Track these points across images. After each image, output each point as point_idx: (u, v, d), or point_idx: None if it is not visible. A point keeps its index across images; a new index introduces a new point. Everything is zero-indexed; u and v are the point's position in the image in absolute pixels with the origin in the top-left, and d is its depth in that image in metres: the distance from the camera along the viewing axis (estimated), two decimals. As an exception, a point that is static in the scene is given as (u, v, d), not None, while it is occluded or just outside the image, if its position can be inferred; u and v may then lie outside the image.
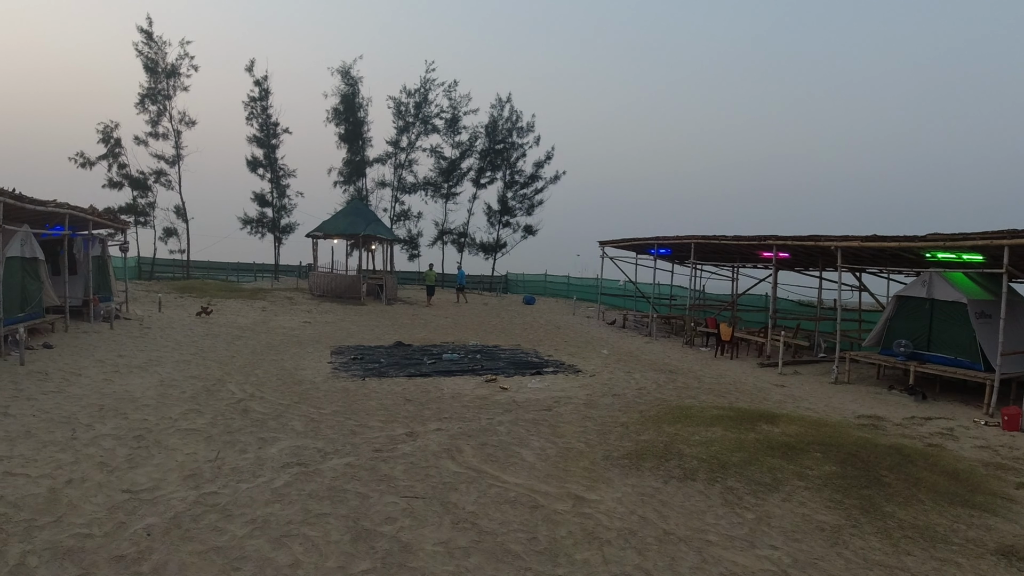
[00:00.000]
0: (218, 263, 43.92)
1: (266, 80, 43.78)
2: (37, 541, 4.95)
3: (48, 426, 8.22)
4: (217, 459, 7.04)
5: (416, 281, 45.39)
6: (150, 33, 40.50)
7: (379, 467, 6.99)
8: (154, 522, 5.31)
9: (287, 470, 6.78)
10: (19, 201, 13.94)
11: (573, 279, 40.93)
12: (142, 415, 8.89)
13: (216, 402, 9.83)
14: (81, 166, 39.68)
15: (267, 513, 5.60)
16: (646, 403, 10.77)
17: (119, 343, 15.39)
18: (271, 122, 44.15)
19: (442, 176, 47.05)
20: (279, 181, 44.74)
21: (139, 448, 7.39)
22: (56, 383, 10.73)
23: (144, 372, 12.00)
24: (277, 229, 44.69)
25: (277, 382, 11.61)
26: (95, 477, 6.40)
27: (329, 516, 5.57)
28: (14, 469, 6.62)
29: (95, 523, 5.29)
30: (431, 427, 8.82)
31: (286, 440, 7.90)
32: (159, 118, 41.24)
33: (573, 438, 8.53)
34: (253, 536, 5.14)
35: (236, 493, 6.04)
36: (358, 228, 32.28)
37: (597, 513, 5.97)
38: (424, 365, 14.11)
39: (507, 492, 6.41)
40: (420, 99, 46.19)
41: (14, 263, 14.33)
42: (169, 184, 41.74)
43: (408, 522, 5.56)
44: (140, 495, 5.93)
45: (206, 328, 18.95)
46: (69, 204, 16.88)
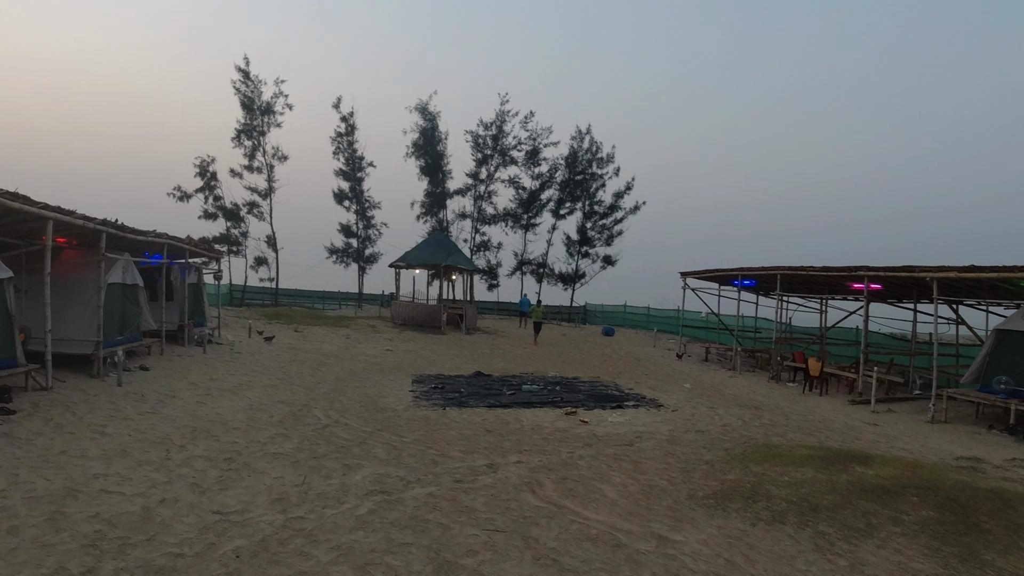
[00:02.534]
0: (305, 291, 45.34)
1: (352, 116, 45.34)
2: (130, 559, 5.12)
3: (143, 446, 8.58)
4: (303, 484, 7.19)
5: (495, 311, 45.68)
6: (247, 72, 42.55)
7: (460, 498, 6.98)
8: (243, 544, 5.44)
9: (370, 498, 6.85)
10: (121, 231, 14.75)
11: (653, 310, 40.39)
12: (232, 438, 9.18)
13: (302, 427, 10.07)
14: (179, 199, 41.83)
15: (351, 540, 5.66)
16: (731, 440, 10.45)
17: (211, 367, 15.99)
18: (356, 156, 45.61)
19: (522, 207, 47.40)
20: (364, 212, 46.01)
21: (229, 470, 7.62)
22: (151, 404, 11.20)
23: (234, 396, 12.42)
24: (361, 259, 45.88)
25: (360, 409, 11.81)
26: (187, 497, 6.62)
27: (411, 546, 5.59)
28: (110, 487, 6.91)
29: (186, 543, 5.45)
30: (511, 459, 8.78)
31: (369, 467, 8.00)
32: (254, 153, 43.16)
33: (656, 475, 8.33)
34: (337, 563, 5.19)
35: (321, 519, 6.13)
36: (439, 259, 32.79)
37: (682, 555, 5.79)
38: (503, 396, 14.11)
39: (588, 529, 6.30)
40: (496, 131, 46.82)
41: (115, 289, 15.14)
42: (261, 215, 43.50)
43: (489, 556, 5.52)
44: (230, 517, 6.09)
45: (292, 354, 19.49)
46: (167, 234, 17.74)
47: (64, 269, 14.01)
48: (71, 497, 6.53)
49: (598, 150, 47.40)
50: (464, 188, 47.63)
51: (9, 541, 5.39)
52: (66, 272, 14.08)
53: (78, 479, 7.11)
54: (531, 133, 47.01)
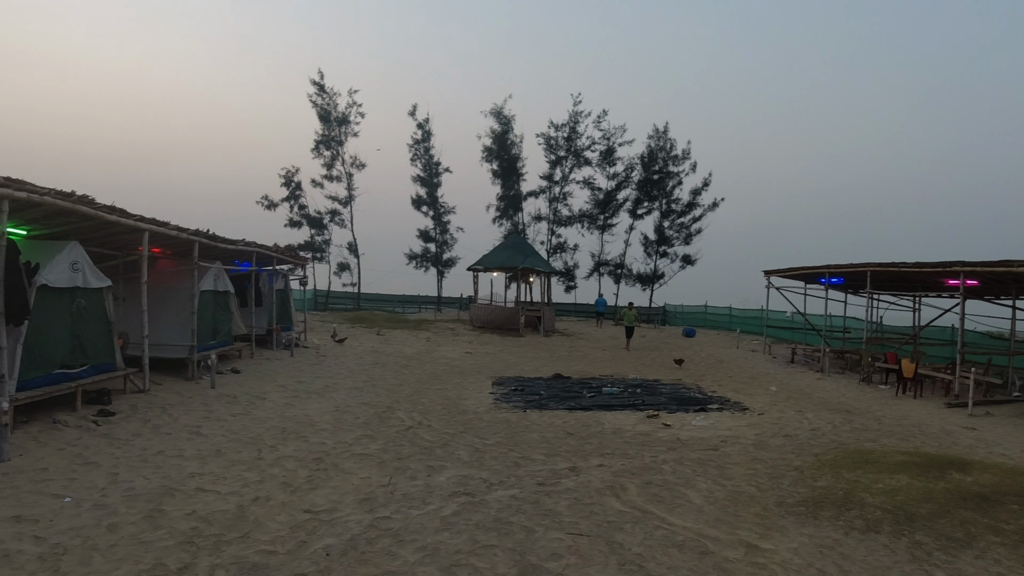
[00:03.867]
0: (386, 295, 46.35)
1: (427, 123, 46.08)
2: (225, 556, 5.29)
3: (236, 446, 8.88)
4: (389, 484, 7.30)
5: (572, 313, 45.55)
6: (322, 85, 43.86)
7: (543, 501, 6.95)
8: (332, 543, 5.55)
9: (455, 499, 6.90)
10: (213, 241, 15.39)
11: (736, 310, 39.45)
12: (320, 439, 9.42)
13: (387, 428, 10.25)
14: (266, 208, 43.49)
15: (437, 541, 5.70)
16: (821, 446, 10.09)
17: (298, 370, 16.46)
18: (433, 162, 46.29)
19: (598, 208, 47.11)
20: (441, 217, 46.65)
21: (318, 470, 7.81)
22: (243, 406, 11.60)
23: (321, 398, 12.74)
24: (440, 263, 46.55)
25: (442, 411, 11.94)
26: (279, 496, 6.81)
27: (496, 548, 5.59)
28: (206, 486, 7.17)
29: (278, 541, 5.60)
30: (593, 463, 8.69)
31: (453, 469, 8.06)
32: (333, 162, 44.47)
33: (743, 481, 8.11)
34: (424, 563, 5.23)
35: (407, 519, 6.21)
36: (516, 261, 32.90)
37: (771, 564, 5.60)
38: (584, 398, 14.01)
39: (674, 535, 6.16)
40: (569, 132, 46.66)
41: (207, 296, 15.78)
42: (342, 223, 44.78)
43: (574, 560, 5.46)
44: (320, 516, 6.23)
45: (375, 357, 19.89)
46: (256, 243, 18.38)
47: (159, 278, 14.66)
48: (168, 495, 6.80)
49: (673, 147, 46.69)
50: (539, 190, 47.80)
51: (109, 538, 5.64)
52: (161, 280, 14.72)
53: (175, 478, 7.41)
54: (605, 132, 46.82)
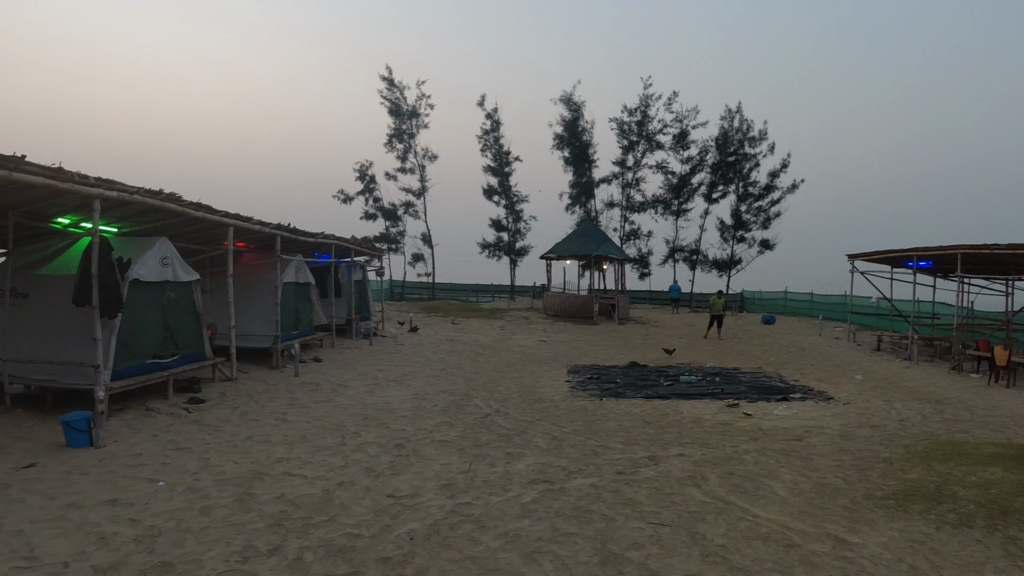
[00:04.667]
0: (459, 285, 46.81)
1: (496, 112, 46.15)
2: (313, 538, 5.44)
3: (321, 432, 9.13)
4: (469, 471, 7.38)
5: (647, 300, 45.03)
6: (391, 80, 44.48)
7: (623, 490, 6.90)
8: (415, 528, 5.65)
9: (534, 486, 6.91)
10: (294, 234, 15.84)
11: (817, 296, 38.19)
12: (400, 425, 9.60)
13: (465, 416, 10.36)
14: (342, 202, 44.50)
15: (517, 528, 5.73)
16: (910, 437, 9.68)
17: (377, 358, 16.80)
18: (503, 151, 46.35)
19: (671, 193, 46.29)
20: (513, 206, 46.73)
21: (400, 456, 7.97)
22: (326, 393, 11.91)
23: (400, 385, 12.98)
24: (512, 252, 46.67)
25: (519, 399, 11.99)
26: (362, 481, 6.97)
27: (577, 536, 5.57)
28: (292, 470, 7.39)
29: (363, 524, 5.73)
30: (673, 452, 8.58)
31: (531, 456, 8.09)
32: (405, 155, 45.10)
33: (829, 472, 7.85)
34: (506, 549, 5.27)
35: (488, 505, 6.26)
36: (589, 249, 32.70)
37: (860, 558, 5.40)
38: (661, 387, 13.84)
39: (758, 527, 6.02)
40: (641, 116, 45.92)
41: (289, 287, 16.26)
42: (416, 214, 45.41)
43: (655, 550, 5.40)
44: (402, 501, 6.35)
45: (451, 346, 20.13)
46: (334, 235, 18.82)
47: (244, 271, 15.15)
48: (257, 479, 7.04)
49: (749, 128, 45.29)
50: (611, 176, 47.27)
51: (202, 520, 5.87)
52: (246, 273, 15.22)
53: (263, 462, 7.66)
54: (677, 115, 45.84)
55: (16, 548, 5.23)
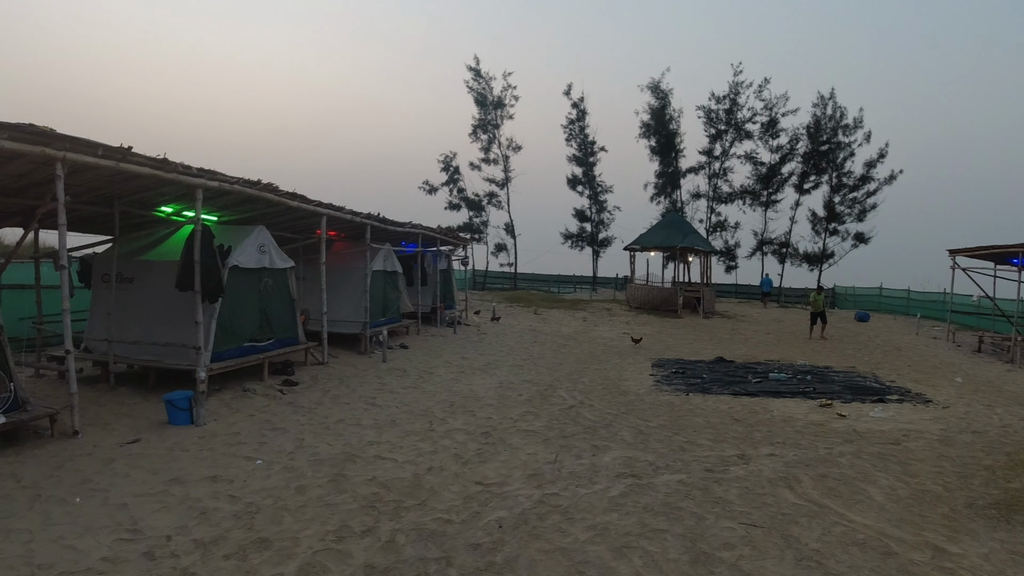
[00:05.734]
0: (541, 275, 46.81)
1: (582, 102, 45.82)
2: (404, 521, 5.55)
3: (409, 417, 9.31)
4: (556, 462, 7.38)
5: (733, 294, 44.00)
6: (478, 71, 44.73)
7: (712, 488, 6.77)
8: (504, 516, 5.69)
9: (621, 480, 6.86)
10: (383, 224, 16.18)
11: (914, 293, 36.49)
12: (486, 413, 9.70)
13: (549, 406, 10.37)
14: (427, 192, 45.16)
15: (606, 521, 5.70)
16: (1013, 444, 9.13)
17: (462, 346, 17.01)
18: (588, 141, 46.02)
19: (760, 183, 44.97)
20: (597, 197, 46.39)
21: (487, 444, 8.05)
22: (413, 379, 12.13)
23: (485, 374, 13.10)
24: (595, 243, 46.38)
25: (603, 391, 11.92)
26: (451, 467, 7.07)
27: (666, 533, 5.50)
28: (383, 453, 7.56)
29: (453, 510, 5.81)
30: (763, 451, 8.36)
31: (617, 450, 8.03)
32: (490, 145, 45.34)
33: (927, 479, 7.50)
34: (594, 542, 5.25)
35: (576, 497, 6.25)
36: (674, 240, 32.18)
37: (960, 569, 5.13)
38: (749, 383, 13.51)
39: (854, 533, 5.80)
40: (730, 104, 44.73)
41: (378, 276, 16.62)
42: (499, 204, 45.66)
43: (747, 551, 5.27)
44: (490, 488, 6.41)
45: (533, 336, 20.19)
46: (421, 225, 19.12)
47: (335, 259, 15.55)
48: (350, 461, 7.23)
49: (843, 115, 43.34)
50: (698, 166, 46.32)
51: (298, 499, 6.07)
52: (337, 261, 15.63)
53: (355, 445, 7.87)
54: (767, 103, 44.46)
55: (120, 521, 5.50)
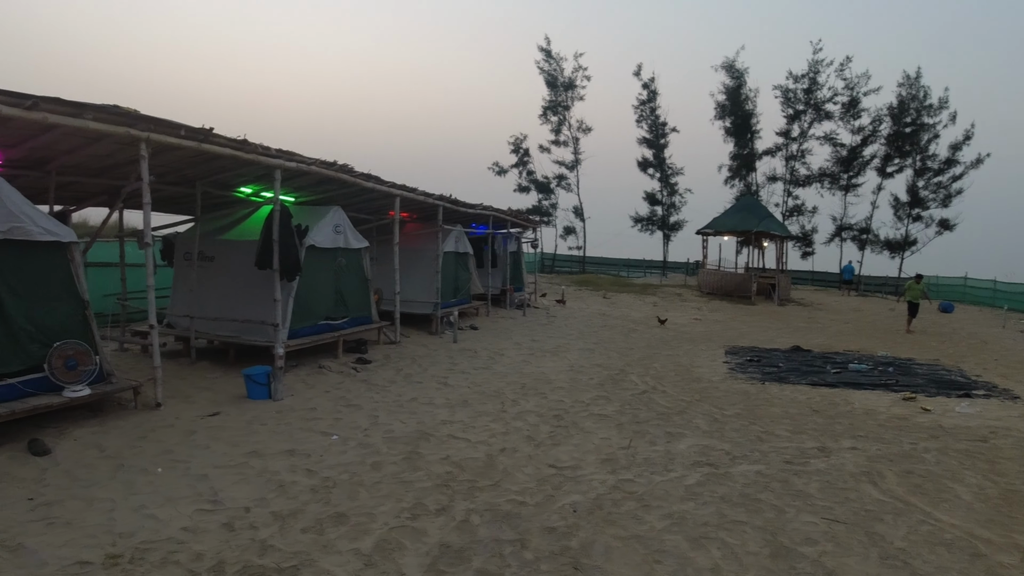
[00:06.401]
0: (610, 259, 46.44)
1: (653, 82, 45.04)
2: (479, 502, 5.55)
3: (481, 398, 9.34)
4: (630, 447, 7.28)
5: (809, 281, 42.72)
6: (549, 51, 44.38)
7: (792, 480, 6.56)
8: (578, 500, 5.64)
9: (697, 469, 6.72)
10: (454, 205, 16.26)
11: (1001, 284, 34.72)
12: (558, 396, 9.64)
13: (621, 391, 10.25)
14: (497, 174, 45.26)
15: (682, 510, 5.59)
16: (1113, 446, 8.61)
17: (531, 329, 17.00)
18: (659, 122, 45.24)
19: (840, 166, 43.31)
20: (668, 179, 45.65)
21: (559, 427, 8.01)
22: (484, 360, 12.18)
23: (555, 357, 13.05)
24: (666, 226, 45.71)
25: (675, 377, 11.73)
26: (524, 449, 7.06)
27: (745, 525, 5.36)
28: (456, 433, 7.60)
29: (527, 492, 5.79)
30: (844, 444, 8.07)
31: (692, 437, 7.88)
32: (560, 127, 45.04)
33: (1017, 479, 7.10)
34: (671, 531, 5.15)
35: (651, 484, 6.15)
36: (749, 224, 31.41)
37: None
38: (827, 374, 13.09)
39: (941, 532, 5.54)
40: (809, 84, 43.17)
41: (449, 257, 16.73)
42: (568, 187, 45.41)
43: (830, 547, 5.09)
44: (564, 472, 6.37)
45: (602, 320, 20.06)
46: (492, 207, 19.13)
47: (407, 240, 15.71)
48: (423, 439, 7.30)
49: (927, 95, 41.34)
50: (774, 148, 44.96)
51: (373, 475, 6.15)
52: (409, 242, 15.79)
53: (428, 423, 7.94)
54: (848, 82, 42.63)
55: (201, 491, 5.66)
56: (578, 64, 44.55)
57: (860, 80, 42.32)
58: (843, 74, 42.59)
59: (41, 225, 7.34)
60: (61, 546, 4.55)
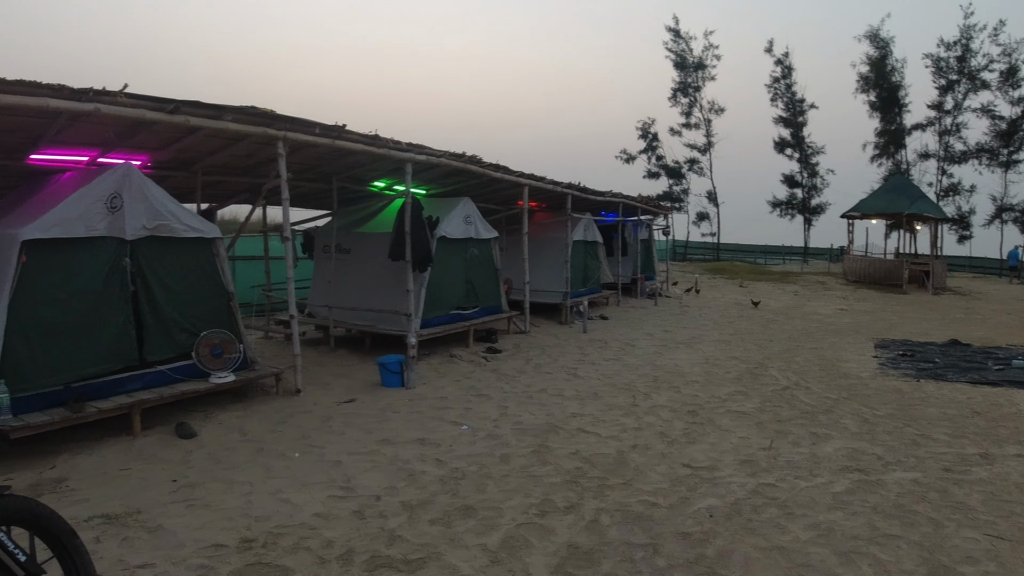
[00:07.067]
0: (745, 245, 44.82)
1: (787, 58, 42.86)
2: (609, 501, 5.35)
3: (611, 391, 9.15)
4: (771, 449, 6.88)
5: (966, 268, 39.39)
6: (677, 31, 43.10)
7: (951, 491, 5.97)
8: (715, 504, 5.34)
9: (845, 475, 6.24)
10: (583, 193, 16.10)
11: None
12: (692, 391, 9.28)
13: (760, 387, 9.74)
14: (624, 161, 44.58)
15: (829, 520, 5.18)
16: None
17: (662, 319, 16.59)
18: (796, 100, 43.02)
19: (999, 140, 39.55)
20: (807, 160, 43.35)
21: (694, 424, 7.68)
22: (614, 352, 11.96)
23: (688, 349, 12.64)
24: (806, 210, 43.46)
25: (819, 372, 11.05)
26: (656, 447, 6.80)
27: (899, 540, 4.90)
28: (586, 427, 7.45)
29: (659, 493, 5.55)
30: (1010, 451, 7.29)
31: (839, 440, 7.35)
32: (690, 109, 43.77)
33: None
34: (816, 543, 4.78)
35: (794, 490, 5.76)
36: (900, 206, 29.25)
37: None
38: (989, 371, 11.95)
39: None
40: (962, 51, 39.59)
41: (578, 246, 16.61)
42: (701, 171, 44.11)
43: (993, 567, 4.55)
44: (699, 473, 6.07)
45: (739, 310, 19.32)
46: (622, 194, 18.80)
47: (536, 229, 15.68)
48: (553, 432, 7.20)
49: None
50: (926, 122, 41.56)
51: (502, 468, 6.10)
52: (538, 232, 15.76)
53: (557, 416, 7.84)
54: (1004, 48, 38.80)
55: (334, 477, 5.80)
56: (708, 42, 43.14)
57: (1019, 46, 38.51)
58: (998, 39, 38.95)
59: (185, 222, 7.80)
60: (199, 528, 4.74)
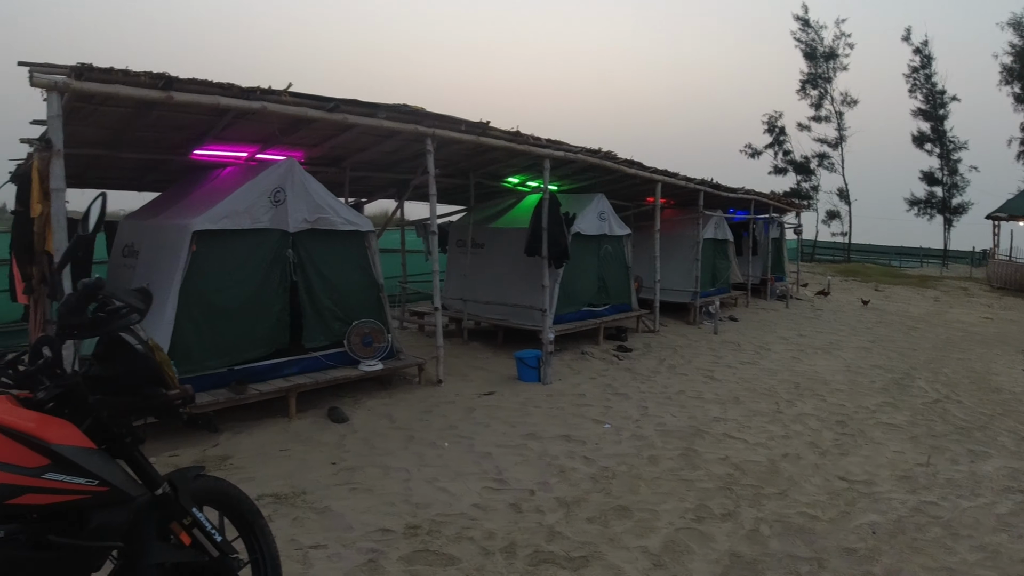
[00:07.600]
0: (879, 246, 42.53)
1: (926, 47, 40.24)
2: (766, 510, 5.27)
3: (752, 396, 8.97)
4: (928, 465, 6.59)
5: None
6: (806, 20, 41.29)
7: None
8: (877, 520, 5.18)
9: (1008, 496, 5.91)
10: (716, 190, 15.79)
11: None
12: (837, 400, 8.98)
13: (909, 398, 9.31)
14: (749, 156, 43.22)
15: (995, 542, 4.93)
16: None
17: (795, 322, 16.07)
18: (936, 91, 40.40)
19: None
20: (948, 156, 40.66)
21: (843, 435, 7.44)
22: (749, 355, 11.71)
23: (827, 355, 12.21)
24: (947, 210, 40.81)
25: (969, 385, 10.46)
26: (808, 457, 6.64)
27: (1079, 569, 4.61)
28: (731, 432, 7.34)
29: (818, 506, 5.43)
30: None
31: (999, 458, 6.95)
32: (820, 102, 41.92)
33: None
34: (984, 565, 4.56)
35: (957, 509, 5.50)
36: (1054, 209, 27.18)
37: None
38: None
39: None
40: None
41: (708, 244, 16.33)
42: (831, 167, 42.18)
43: None
44: (856, 487, 5.89)
45: (877, 315, 18.46)
46: (754, 190, 18.31)
47: (666, 226, 15.49)
48: (698, 436, 7.14)
49: None
50: (1081, 113, 38.23)
51: (651, 470, 6.11)
52: (667, 229, 15.57)
53: (700, 419, 7.77)
54: None
55: (486, 469, 5.96)
56: (840, 31, 41.21)
57: None
58: None
59: (343, 216, 8.24)
60: (364, 512, 4.97)
